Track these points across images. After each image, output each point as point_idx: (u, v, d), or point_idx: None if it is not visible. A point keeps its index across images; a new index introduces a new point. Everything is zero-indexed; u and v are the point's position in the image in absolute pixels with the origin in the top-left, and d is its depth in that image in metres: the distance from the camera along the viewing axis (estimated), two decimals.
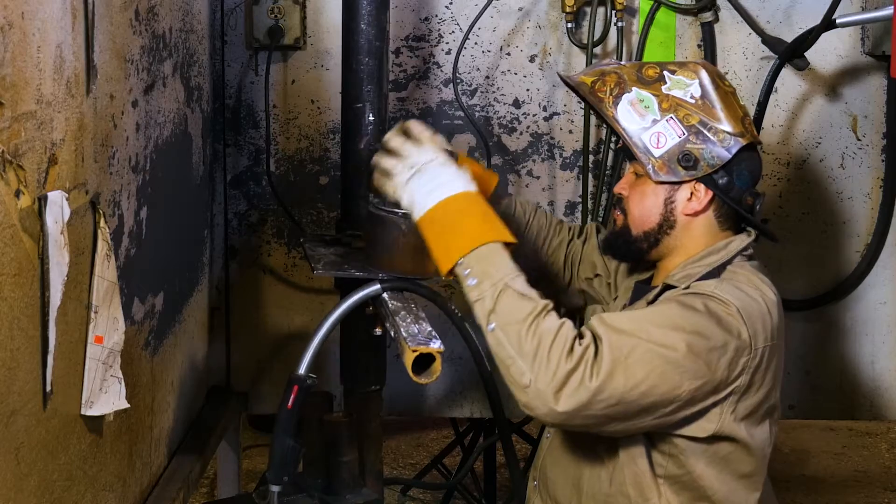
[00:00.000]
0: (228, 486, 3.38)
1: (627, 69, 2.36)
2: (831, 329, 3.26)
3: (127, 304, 2.24)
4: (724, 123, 2.29)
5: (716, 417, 2.19)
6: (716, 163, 2.28)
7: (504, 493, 4.31)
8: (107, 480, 2.19)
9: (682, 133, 2.29)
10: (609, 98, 2.33)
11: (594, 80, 2.36)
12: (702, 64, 2.36)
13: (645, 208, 2.34)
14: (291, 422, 2.24)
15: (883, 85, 3.16)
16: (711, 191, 2.30)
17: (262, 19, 3.11)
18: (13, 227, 1.68)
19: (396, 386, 2.91)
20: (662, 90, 2.31)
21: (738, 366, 2.16)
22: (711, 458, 2.24)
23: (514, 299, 2.09)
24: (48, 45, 1.78)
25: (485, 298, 2.10)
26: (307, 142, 3.18)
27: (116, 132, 2.16)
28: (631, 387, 2.07)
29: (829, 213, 3.22)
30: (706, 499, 2.26)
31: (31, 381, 1.78)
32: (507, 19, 3.14)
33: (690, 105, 2.30)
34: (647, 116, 2.30)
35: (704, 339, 2.13)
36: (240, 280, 3.23)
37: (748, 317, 2.19)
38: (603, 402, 2.06)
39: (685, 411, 2.16)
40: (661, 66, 2.35)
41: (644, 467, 2.25)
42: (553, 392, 2.04)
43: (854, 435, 5.41)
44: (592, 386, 2.05)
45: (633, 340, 2.10)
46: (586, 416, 2.08)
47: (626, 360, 2.07)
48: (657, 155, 2.29)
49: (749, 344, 2.18)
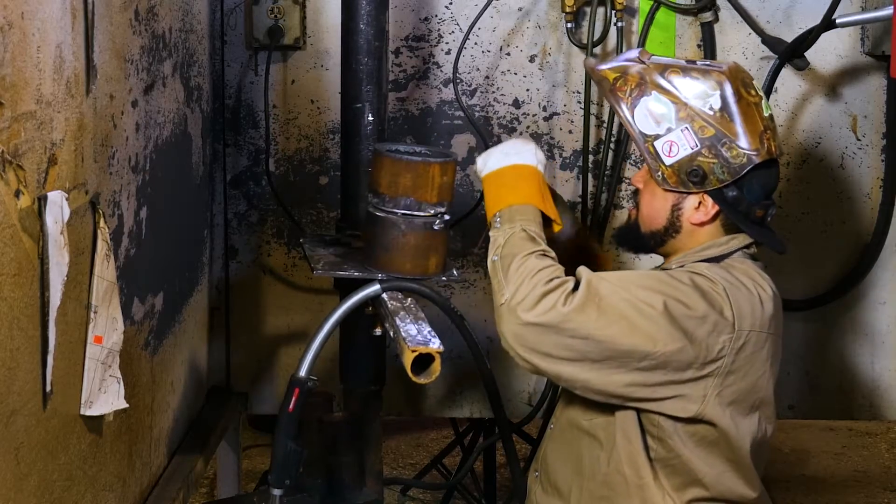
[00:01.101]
0: (228, 486, 3.38)
1: (652, 69, 2.33)
2: (831, 329, 3.26)
3: (126, 304, 2.24)
4: (740, 139, 2.28)
5: (698, 398, 2.22)
6: (725, 178, 2.28)
7: (504, 493, 4.31)
8: (107, 480, 2.19)
9: (696, 145, 2.28)
10: (628, 99, 2.32)
11: (617, 76, 2.35)
12: (728, 73, 2.31)
13: (654, 209, 2.36)
14: (293, 425, 2.24)
15: (883, 85, 3.16)
16: (718, 205, 2.31)
17: (261, 19, 3.11)
18: (13, 227, 1.68)
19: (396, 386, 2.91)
20: (682, 98, 2.30)
21: (718, 342, 2.20)
22: (699, 442, 2.27)
23: (521, 239, 2.25)
24: (48, 45, 1.78)
25: (499, 237, 2.27)
26: (307, 142, 3.18)
27: (116, 132, 2.16)
28: (601, 325, 2.15)
29: (829, 213, 3.22)
30: (698, 482, 2.29)
31: (31, 381, 1.78)
32: (507, 19, 3.14)
33: (708, 117, 2.28)
34: (662, 123, 2.30)
35: (684, 306, 2.19)
36: (240, 280, 3.23)
37: (734, 298, 2.22)
38: (570, 330, 2.14)
39: (661, 375, 2.19)
40: (685, 70, 2.32)
41: (639, 448, 2.29)
42: (525, 309, 2.15)
43: (854, 435, 5.41)
44: (563, 310, 2.14)
45: (612, 287, 2.19)
46: (554, 344, 2.15)
47: (601, 300, 2.16)
48: (668, 163, 2.30)
49: (732, 323, 2.21)
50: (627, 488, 2.30)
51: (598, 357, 2.17)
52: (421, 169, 2.43)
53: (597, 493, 2.33)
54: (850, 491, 4.87)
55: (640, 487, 2.29)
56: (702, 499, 2.30)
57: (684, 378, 2.20)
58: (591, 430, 2.35)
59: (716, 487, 2.29)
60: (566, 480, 2.39)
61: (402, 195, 2.43)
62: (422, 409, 3.32)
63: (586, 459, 2.36)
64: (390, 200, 2.44)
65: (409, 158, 2.43)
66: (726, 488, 2.30)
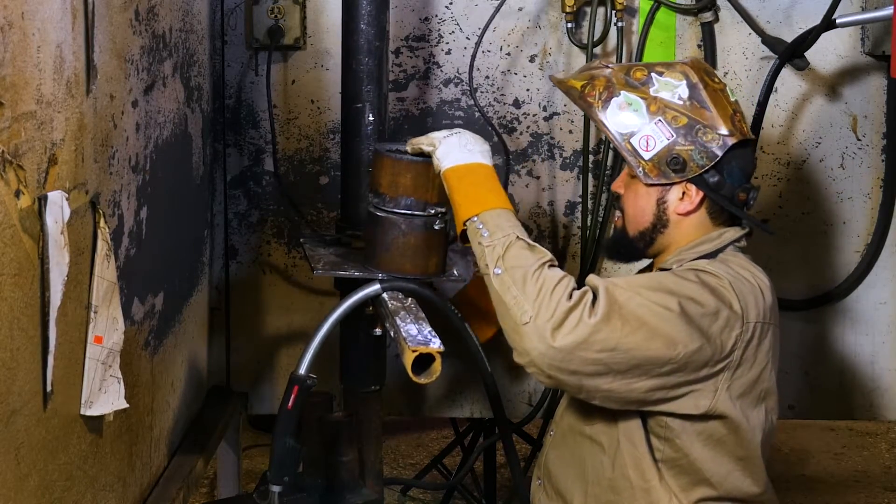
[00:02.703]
0: (228, 486, 3.38)
1: (616, 71, 2.38)
2: (831, 329, 3.26)
3: (127, 304, 2.24)
4: (713, 123, 2.32)
5: (710, 393, 2.23)
6: (705, 163, 2.32)
7: (504, 493, 4.31)
8: (107, 480, 2.19)
9: (671, 135, 2.32)
10: (598, 102, 2.36)
11: (584, 83, 2.40)
12: (689, 63, 2.38)
13: (639, 208, 2.38)
14: (292, 422, 2.25)
15: (883, 85, 3.16)
16: (702, 191, 2.33)
17: (262, 19, 3.11)
18: (13, 227, 1.68)
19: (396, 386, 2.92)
20: (650, 93, 2.34)
21: (731, 337, 2.22)
22: (707, 440, 2.27)
23: (522, 249, 2.20)
24: (48, 45, 1.78)
25: (496, 246, 2.21)
26: (307, 142, 3.18)
27: (116, 132, 2.16)
28: (627, 333, 2.13)
29: (828, 213, 3.22)
30: (705, 482, 2.29)
31: (31, 381, 1.78)
32: (507, 19, 3.14)
33: (678, 106, 2.33)
34: (635, 120, 2.33)
35: (697, 304, 2.19)
36: (240, 280, 3.23)
37: (739, 291, 2.25)
38: (599, 343, 2.12)
39: (680, 377, 2.19)
40: (648, 67, 2.38)
41: (643, 451, 2.29)
42: (552, 328, 2.11)
43: (854, 435, 5.41)
44: (591, 322, 2.11)
45: (627, 294, 2.17)
46: (582, 360, 2.12)
47: (621, 308, 2.15)
48: (647, 158, 2.33)
49: (741, 316, 2.23)
50: (633, 492, 2.30)
51: (624, 367, 2.16)
52: (421, 169, 2.43)
53: (602, 497, 2.33)
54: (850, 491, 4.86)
55: (645, 490, 2.29)
56: (709, 498, 2.30)
57: (700, 377, 2.21)
58: (594, 436, 2.35)
59: (723, 486, 2.30)
60: (570, 487, 2.39)
61: (402, 195, 2.44)
62: (422, 409, 3.32)
63: (590, 464, 2.36)
64: (391, 200, 2.45)
65: (410, 158, 2.43)
66: (733, 486, 2.31)
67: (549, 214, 3.20)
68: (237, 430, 3.34)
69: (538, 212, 3.19)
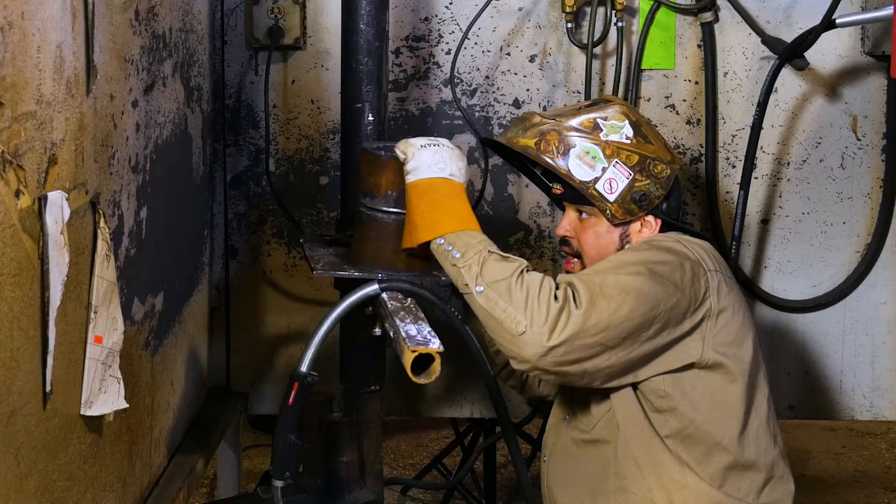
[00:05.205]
0: (228, 486, 3.38)
1: (561, 124, 2.45)
2: (831, 329, 3.26)
3: (127, 304, 2.24)
4: (658, 154, 2.46)
5: (698, 343, 2.33)
6: (661, 193, 2.45)
7: (504, 493, 4.32)
8: (107, 480, 2.19)
9: (629, 174, 2.44)
10: (558, 156, 2.44)
11: (537, 140, 2.46)
12: (619, 104, 2.50)
13: (602, 246, 2.47)
14: (293, 418, 2.26)
15: (883, 85, 3.16)
16: (660, 218, 2.46)
17: (262, 19, 3.11)
18: (13, 227, 1.68)
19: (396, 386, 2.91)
20: (601, 137, 2.44)
21: (701, 285, 2.33)
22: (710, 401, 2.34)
23: (497, 262, 2.26)
24: (48, 45, 1.78)
25: (471, 265, 2.25)
26: (307, 142, 3.18)
27: (116, 132, 2.16)
28: (614, 309, 2.23)
29: (829, 213, 3.21)
30: (717, 447, 2.35)
31: (31, 381, 1.78)
32: (507, 19, 3.14)
33: (628, 145, 2.45)
34: (596, 166, 2.43)
35: (661, 263, 2.32)
36: (240, 280, 3.23)
37: (689, 246, 2.38)
38: (593, 327, 2.21)
39: (667, 335, 2.29)
40: (585, 112, 2.46)
41: (645, 426, 2.35)
42: (549, 331, 2.19)
43: (854, 435, 5.41)
44: (580, 312, 2.20)
45: (600, 276, 2.29)
46: (581, 347, 2.21)
47: (601, 290, 2.24)
48: (612, 200, 2.43)
49: (701, 264, 2.35)
50: (640, 471, 2.34)
51: (617, 341, 2.25)
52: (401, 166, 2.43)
53: (611, 487, 2.36)
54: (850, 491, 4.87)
55: (653, 466, 2.34)
56: (729, 466, 2.35)
57: (685, 330, 2.31)
58: (596, 436, 2.40)
59: (736, 447, 2.35)
60: (578, 498, 2.43)
61: (386, 192, 2.44)
62: (422, 409, 3.32)
63: (596, 467, 2.40)
64: (376, 198, 2.45)
65: (390, 156, 2.43)
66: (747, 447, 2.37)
67: (550, 214, 3.20)
68: (237, 430, 3.35)
69: (538, 212, 3.20)
